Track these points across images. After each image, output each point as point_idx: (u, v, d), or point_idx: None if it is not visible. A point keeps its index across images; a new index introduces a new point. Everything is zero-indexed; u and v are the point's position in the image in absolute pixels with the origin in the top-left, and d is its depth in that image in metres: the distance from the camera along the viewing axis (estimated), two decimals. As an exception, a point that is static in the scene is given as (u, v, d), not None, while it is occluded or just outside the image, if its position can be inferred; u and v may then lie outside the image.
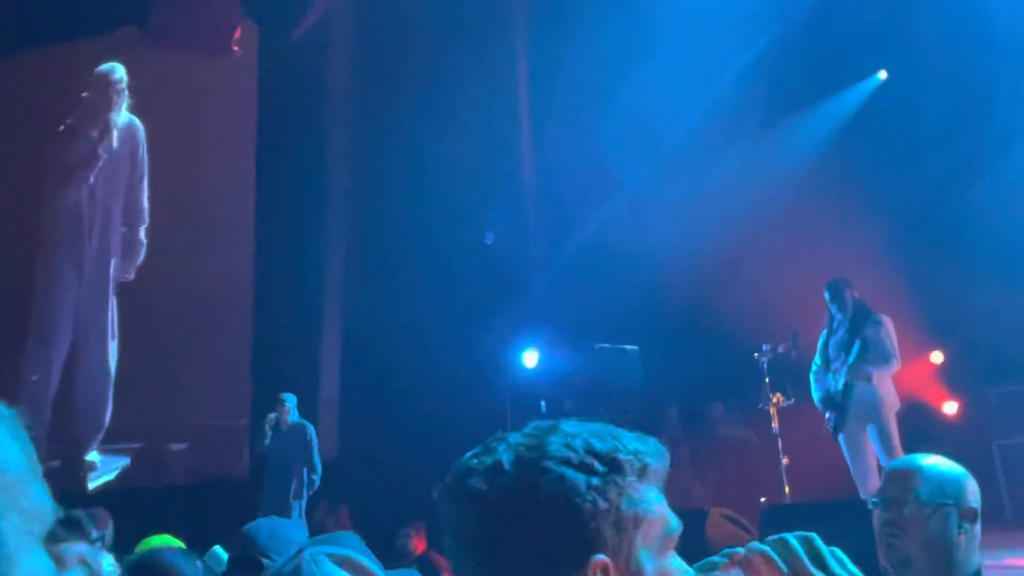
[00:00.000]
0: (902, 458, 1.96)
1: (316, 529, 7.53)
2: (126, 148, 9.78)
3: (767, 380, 5.61)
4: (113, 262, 9.61)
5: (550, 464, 0.90)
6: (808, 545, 0.93)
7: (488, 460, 0.94)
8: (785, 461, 5.42)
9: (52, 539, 1.76)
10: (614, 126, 8.74)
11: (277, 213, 9.69)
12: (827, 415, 5.41)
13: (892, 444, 5.19)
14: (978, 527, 1.78)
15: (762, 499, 5.52)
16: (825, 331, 5.59)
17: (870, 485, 5.10)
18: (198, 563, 2.18)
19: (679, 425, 9.46)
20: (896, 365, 5.36)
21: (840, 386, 5.31)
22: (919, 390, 6.81)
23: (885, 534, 1.78)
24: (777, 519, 4.57)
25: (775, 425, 5.56)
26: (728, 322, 7.89)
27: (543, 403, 8.78)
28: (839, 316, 5.48)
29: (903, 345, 5.58)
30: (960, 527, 1.75)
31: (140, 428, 9.48)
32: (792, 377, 5.69)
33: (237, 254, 9.77)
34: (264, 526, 1.98)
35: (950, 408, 8.14)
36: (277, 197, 9.72)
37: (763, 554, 0.94)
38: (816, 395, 5.51)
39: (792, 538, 0.94)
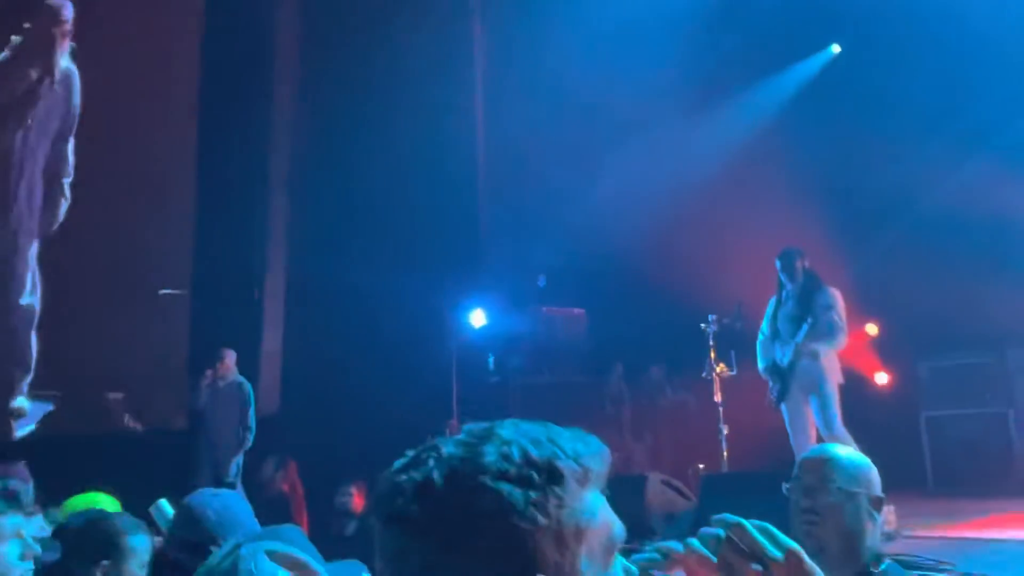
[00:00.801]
0: (815, 447, 2.03)
1: (264, 486, 7.51)
2: (61, 94, 9.31)
3: (712, 350, 5.69)
4: (36, 212, 9.22)
5: (486, 480, 0.84)
6: (742, 530, 0.92)
7: (418, 476, 0.86)
8: (725, 430, 5.54)
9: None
10: (569, 90, 8.69)
11: (219, 161, 9.40)
12: (771, 384, 5.48)
13: (833, 417, 5.29)
14: (882, 514, 1.89)
15: (700, 466, 5.65)
16: (774, 299, 5.60)
17: None
18: (144, 536, 2.13)
19: (623, 384, 9.63)
20: (843, 341, 5.42)
21: (786, 360, 5.35)
22: (853, 361, 7.00)
23: (803, 521, 1.84)
24: (716, 487, 4.69)
25: (717, 395, 5.67)
26: (674, 289, 7.98)
27: (491, 359, 8.83)
28: (789, 286, 5.48)
29: (851, 311, 5.69)
30: (869, 514, 1.84)
31: (75, 377, 9.22)
32: (736, 347, 5.79)
33: (178, 202, 9.47)
34: (211, 505, 1.93)
35: (881, 379, 8.43)
36: (220, 145, 9.42)
37: (700, 554, 0.91)
38: (761, 364, 5.56)
39: (750, 524, 0.93)
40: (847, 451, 1.95)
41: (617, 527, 0.91)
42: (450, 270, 9.17)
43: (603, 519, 0.89)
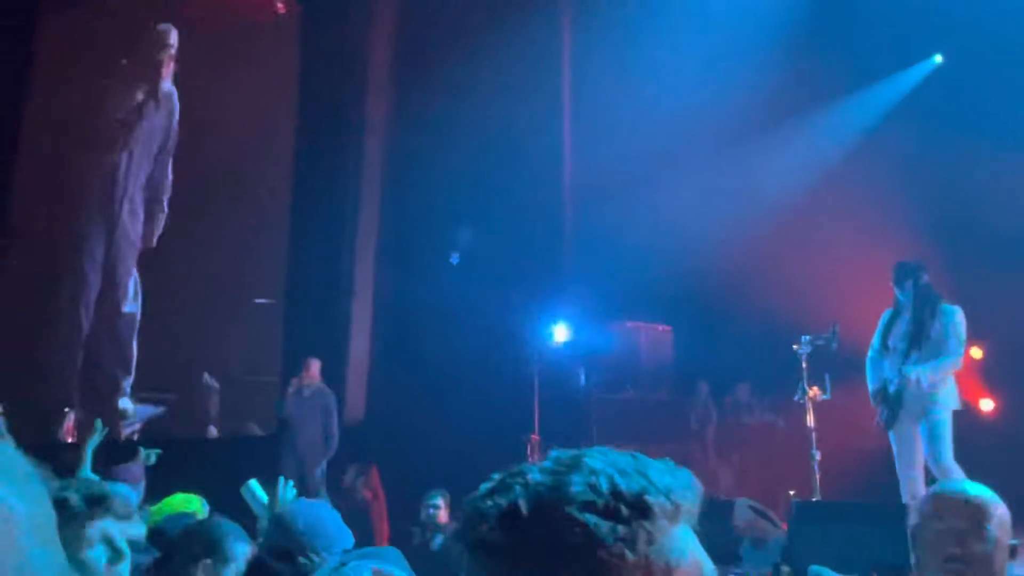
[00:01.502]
0: (963, 485, 1.86)
1: (346, 492, 7.65)
2: (163, 114, 9.81)
3: (805, 372, 5.50)
4: (140, 227, 9.73)
5: (572, 511, 0.82)
6: None
7: (503, 502, 0.85)
8: (818, 456, 5.34)
9: (76, 519, 1.77)
10: (657, 103, 8.59)
11: (313, 175, 9.70)
12: (880, 409, 5.21)
13: (942, 450, 4.94)
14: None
15: (790, 492, 5.46)
16: (889, 311, 5.31)
17: (916, 488, 4.90)
18: (245, 544, 2.21)
19: (710, 402, 9.42)
20: (958, 364, 5.06)
21: (893, 387, 5.07)
22: (958, 385, 6.65)
23: (950, 569, 1.72)
24: (808, 515, 4.52)
25: (810, 418, 5.47)
26: (766, 308, 7.77)
27: (583, 374, 8.74)
28: (903, 300, 5.20)
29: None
30: (1008, 564, 1.74)
31: (173, 381, 9.65)
32: (831, 370, 5.58)
33: (273, 215, 9.81)
34: (300, 514, 1.97)
35: (987, 405, 7.99)
36: (314, 158, 9.72)
37: None
38: (871, 385, 5.29)
39: None
40: (989, 493, 1.82)
41: (708, 567, 0.88)
42: (535, 284, 9.18)
43: (693, 558, 0.86)
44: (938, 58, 9.58)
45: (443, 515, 5.56)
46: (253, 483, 2.97)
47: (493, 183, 9.03)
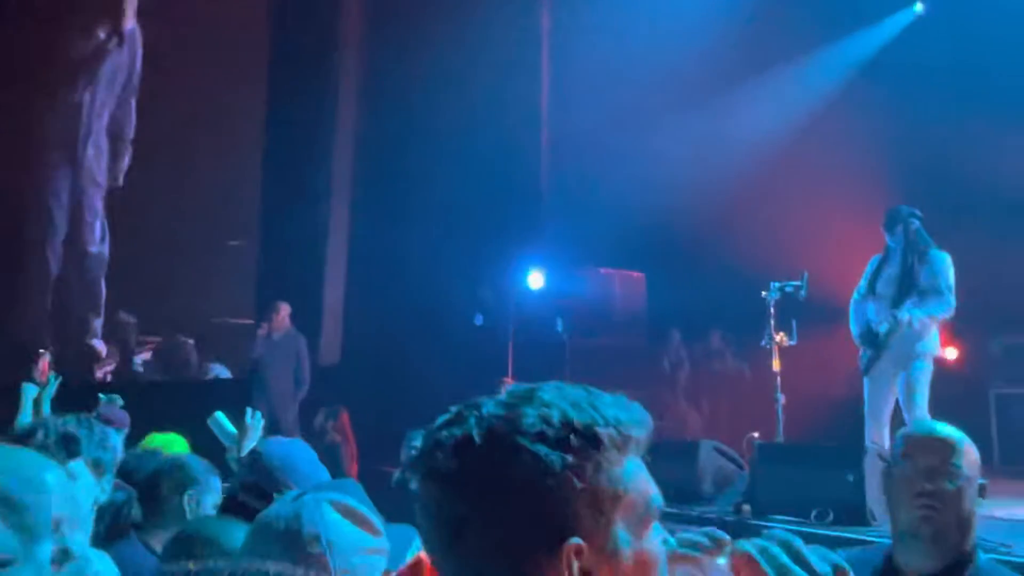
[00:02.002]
0: (932, 425, 1.89)
1: (316, 435, 7.73)
2: (126, 53, 9.56)
3: (772, 318, 5.60)
4: (104, 167, 9.56)
5: (524, 441, 0.84)
6: (789, 549, 0.91)
7: (457, 432, 0.87)
8: (783, 400, 5.48)
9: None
10: (632, 56, 8.52)
11: (287, 120, 9.56)
12: (861, 352, 5.24)
13: (919, 397, 4.96)
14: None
15: (754, 434, 5.61)
16: (878, 256, 5.28)
17: (881, 434, 5.00)
18: (218, 480, 2.29)
19: (682, 349, 9.57)
20: (950, 311, 5.01)
21: (883, 328, 5.03)
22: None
23: (922, 505, 1.74)
24: (769, 456, 4.67)
25: (776, 364, 5.60)
26: (736, 255, 7.85)
27: (559, 321, 8.82)
28: (892, 246, 5.18)
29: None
30: (978, 501, 1.78)
31: (148, 323, 9.62)
32: (798, 317, 5.69)
33: (246, 157, 9.69)
34: (274, 451, 2.01)
35: (951, 354, 8.18)
36: (288, 104, 9.57)
37: (747, 556, 0.90)
38: (854, 328, 5.29)
39: (774, 546, 0.91)
40: (959, 433, 1.84)
41: (655, 496, 0.91)
42: (511, 231, 9.19)
43: (641, 487, 0.89)
44: (919, 7, 9.53)
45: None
46: (219, 415, 3.02)
47: (471, 131, 8.96)
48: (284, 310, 7.82)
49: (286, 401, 7.68)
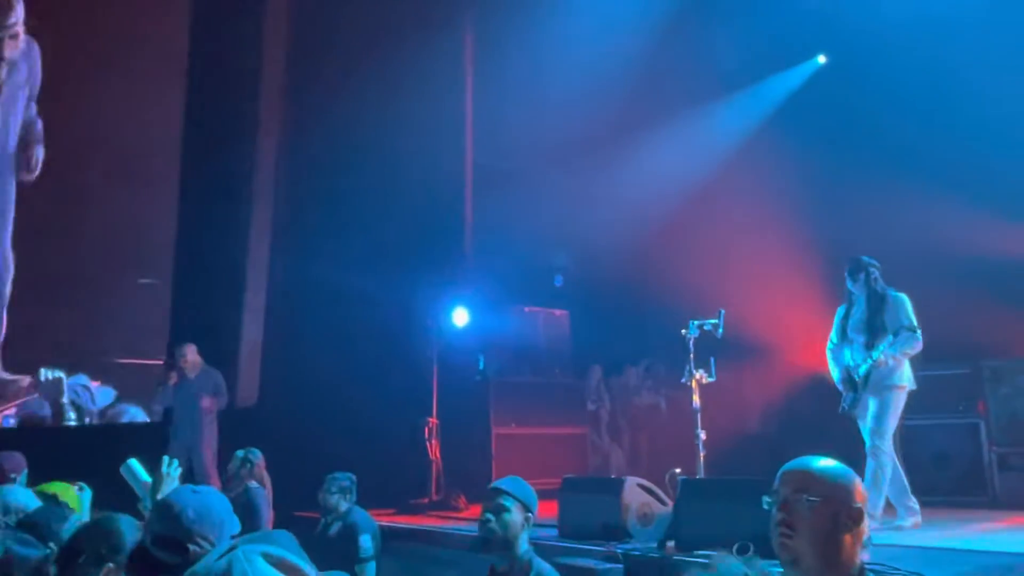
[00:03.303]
0: (795, 461, 1.99)
1: (229, 479, 7.45)
2: (24, 68, 9.22)
3: (691, 355, 5.72)
4: (12, 195, 9.14)
5: None
6: None
7: None
8: (703, 436, 5.58)
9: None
10: (557, 95, 8.71)
11: (204, 152, 9.35)
12: (844, 394, 5.48)
13: (886, 426, 5.31)
14: (863, 526, 1.88)
15: (676, 470, 5.68)
16: (843, 307, 5.63)
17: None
18: (138, 530, 2.13)
19: (602, 386, 9.68)
20: (918, 346, 5.34)
21: (862, 371, 5.36)
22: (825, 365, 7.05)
23: (778, 533, 1.86)
24: (693, 492, 4.72)
25: (696, 400, 5.71)
26: (657, 294, 8.02)
27: (481, 359, 8.81)
28: (855, 292, 5.53)
29: (832, 322, 5.76)
30: (846, 527, 1.85)
31: (54, 363, 9.14)
32: (716, 354, 5.83)
33: (162, 192, 9.41)
34: (190, 503, 1.92)
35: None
36: (206, 137, 9.37)
37: None
38: (836, 374, 5.58)
39: None
40: (828, 463, 1.94)
41: None
42: (435, 269, 9.17)
43: None
44: (821, 58, 10.08)
45: (340, 499, 5.49)
46: (133, 462, 2.88)
47: (394, 167, 8.95)
48: (191, 351, 7.56)
49: (207, 445, 7.38)
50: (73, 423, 8.94)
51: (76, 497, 3.42)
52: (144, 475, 2.85)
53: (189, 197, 9.41)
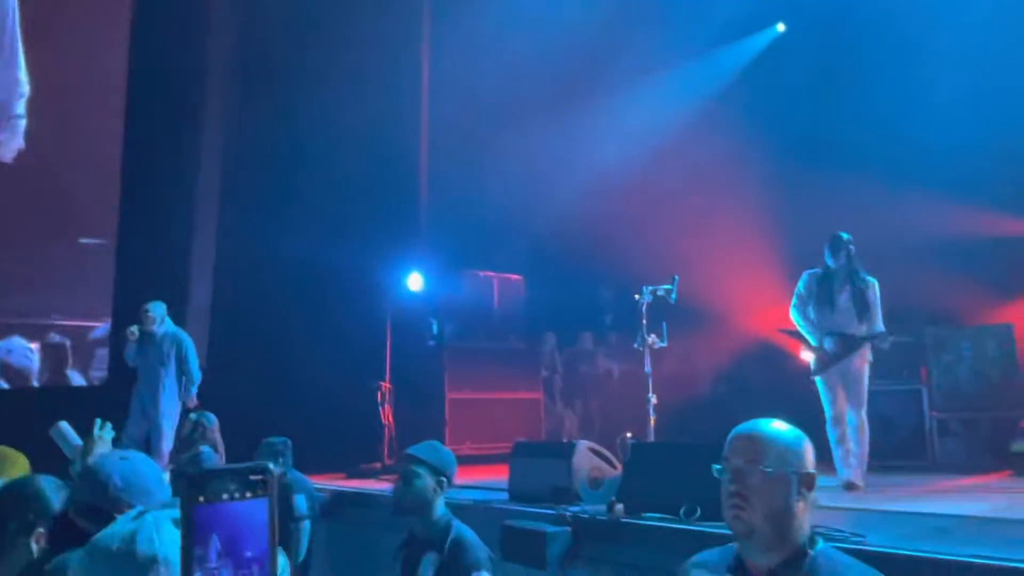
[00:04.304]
0: (745, 426, 1.88)
1: (181, 443, 7.32)
2: None
3: (644, 321, 5.75)
4: None
5: None
6: None
7: None
8: (654, 400, 5.62)
9: None
10: (511, 57, 8.57)
11: (150, 109, 9.03)
12: (833, 352, 5.69)
13: (864, 398, 5.66)
14: (814, 492, 1.83)
15: (627, 434, 5.73)
16: (817, 271, 5.83)
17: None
18: (61, 490, 2.03)
19: (556, 352, 9.71)
20: (882, 327, 5.72)
21: (834, 346, 5.64)
22: (780, 336, 7.16)
23: (731, 505, 1.78)
24: (643, 456, 4.76)
25: (647, 364, 5.74)
26: (612, 260, 8.02)
27: (435, 324, 8.75)
28: (834, 267, 5.75)
29: (782, 289, 5.87)
30: (799, 494, 1.79)
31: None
32: (668, 320, 5.86)
33: (106, 150, 9.07)
34: (117, 469, 1.84)
35: (807, 355, 8.65)
36: (151, 91, 9.04)
37: None
38: (811, 337, 5.78)
39: None
40: (779, 427, 1.86)
41: None
42: (390, 232, 9.04)
43: None
44: (780, 26, 10.08)
45: (272, 463, 5.41)
46: (64, 424, 2.77)
47: (348, 130, 8.76)
48: (154, 310, 7.33)
49: (165, 408, 7.20)
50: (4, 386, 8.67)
51: (22, 463, 3.28)
52: (75, 438, 2.75)
53: (134, 157, 9.10)
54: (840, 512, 4.43)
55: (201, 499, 0.91)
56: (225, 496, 0.92)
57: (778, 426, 1.87)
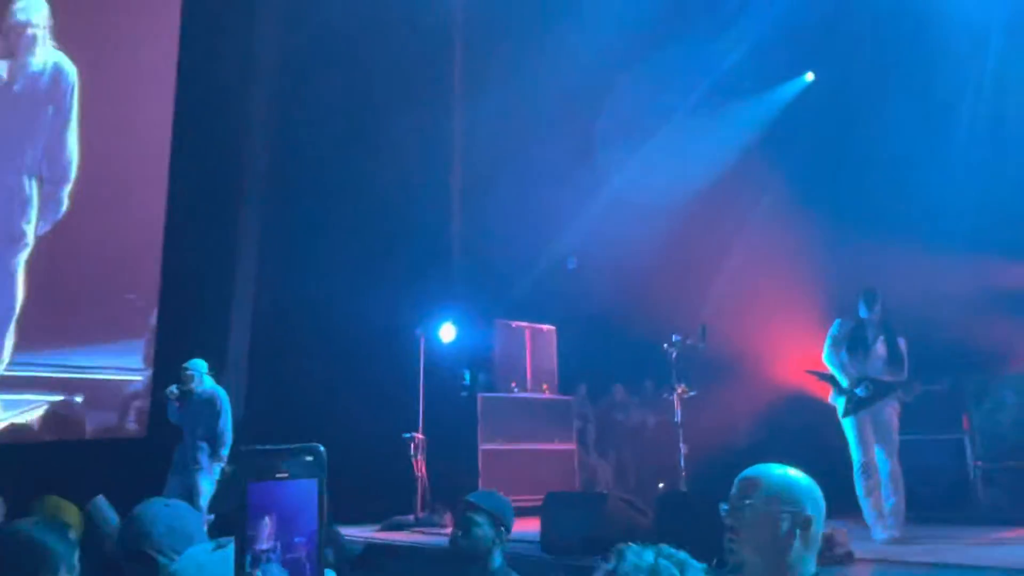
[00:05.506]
0: (758, 466, 1.99)
1: (216, 496, 7.41)
2: (45, 90, 9.12)
3: (674, 370, 5.76)
4: (27, 216, 9.02)
5: None
6: None
7: None
8: (684, 450, 5.60)
9: None
10: (544, 110, 8.77)
11: (192, 167, 9.35)
12: (861, 392, 5.73)
13: (894, 446, 5.75)
14: (812, 533, 1.87)
15: (659, 484, 5.70)
16: (850, 322, 5.92)
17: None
18: (70, 535, 2.01)
19: (587, 403, 9.68)
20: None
21: (867, 393, 5.69)
22: (813, 384, 7.09)
23: (727, 538, 1.90)
24: (671, 506, 4.74)
25: (677, 414, 5.73)
26: (643, 309, 8.04)
27: (467, 374, 8.81)
28: (866, 318, 5.85)
29: (819, 338, 5.90)
30: (794, 534, 1.85)
31: (38, 380, 9.08)
32: (698, 369, 5.86)
33: (148, 208, 9.38)
34: (160, 518, 1.92)
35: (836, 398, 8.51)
36: (192, 153, 9.37)
37: None
38: (843, 380, 5.82)
39: None
40: (784, 471, 1.93)
41: None
42: (423, 283, 9.18)
43: None
44: (809, 76, 10.17)
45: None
46: (101, 500, 2.83)
47: (379, 182, 8.98)
48: (195, 368, 7.49)
49: (203, 462, 7.32)
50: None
51: (74, 513, 3.34)
52: (112, 516, 2.80)
53: (175, 213, 9.38)
54: (891, 565, 4.35)
55: (255, 477, 0.91)
56: (278, 475, 0.92)
57: (784, 470, 1.95)
